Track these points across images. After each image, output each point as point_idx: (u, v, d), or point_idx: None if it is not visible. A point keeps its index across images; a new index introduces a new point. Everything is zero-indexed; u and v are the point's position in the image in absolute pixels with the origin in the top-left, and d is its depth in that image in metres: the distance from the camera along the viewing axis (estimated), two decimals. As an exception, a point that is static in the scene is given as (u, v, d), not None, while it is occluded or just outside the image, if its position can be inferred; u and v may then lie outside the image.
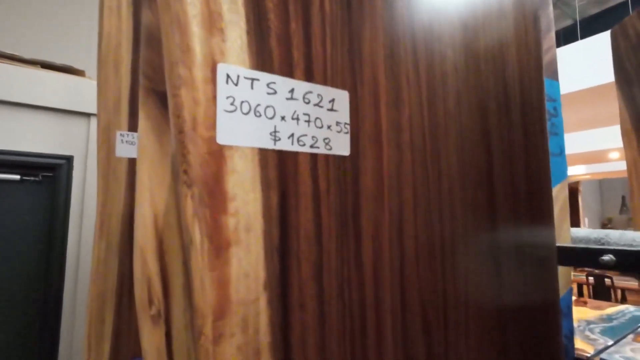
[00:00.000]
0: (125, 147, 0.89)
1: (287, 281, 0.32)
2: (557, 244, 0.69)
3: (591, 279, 4.98)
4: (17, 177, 1.68)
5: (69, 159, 1.80)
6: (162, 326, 0.59)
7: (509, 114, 0.59)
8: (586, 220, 8.38)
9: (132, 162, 0.90)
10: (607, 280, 4.83)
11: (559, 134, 0.79)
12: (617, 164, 7.06)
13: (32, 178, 1.71)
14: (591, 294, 4.94)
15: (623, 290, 5.00)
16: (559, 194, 0.81)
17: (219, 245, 0.28)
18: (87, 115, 1.77)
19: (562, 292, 0.77)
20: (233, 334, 0.29)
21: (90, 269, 0.83)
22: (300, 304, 0.32)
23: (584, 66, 4.18)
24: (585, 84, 4.17)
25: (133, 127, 0.93)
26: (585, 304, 1.58)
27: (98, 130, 0.89)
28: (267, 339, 0.30)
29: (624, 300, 4.92)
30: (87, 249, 1.67)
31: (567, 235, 0.82)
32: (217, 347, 0.28)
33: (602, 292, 4.85)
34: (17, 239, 1.57)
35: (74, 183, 1.78)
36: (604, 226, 8.55)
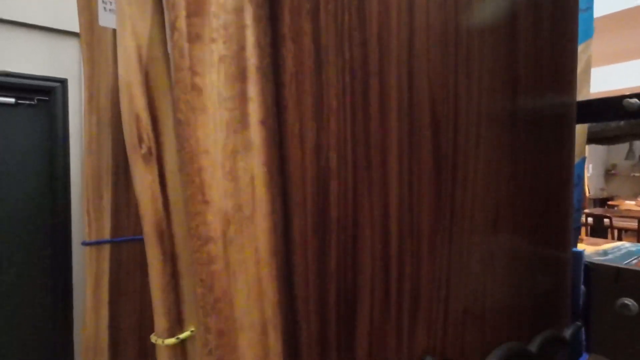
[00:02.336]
0: (109, 16, 0.82)
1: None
2: (577, 100, 0.64)
3: (590, 219, 5.04)
4: (12, 100, 1.61)
5: (62, 82, 1.72)
6: (155, 165, 0.57)
7: None
8: (590, 166, 8.30)
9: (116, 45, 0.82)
10: (606, 221, 4.89)
11: (587, -15, 0.71)
12: (629, 107, 6.76)
13: (27, 102, 1.65)
14: (589, 233, 5.02)
15: (620, 230, 5.07)
16: (582, 54, 0.74)
17: None
18: (79, 35, 1.65)
19: (576, 160, 0.74)
20: (213, 40, 0.25)
21: (83, 145, 0.80)
22: (292, 35, 0.28)
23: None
24: (600, 12, 3.81)
25: (115, -6, 0.84)
26: (581, 241, 1.60)
27: (76, -7, 0.81)
28: (254, 61, 0.26)
29: (619, 240, 5.01)
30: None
31: (585, 102, 0.76)
32: (193, 46, 0.24)
33: (599, 232, 4.92)
34: (19, 165, 1.53)
35: (70, 107, 1.71)
36: (607, 172, 8.49)
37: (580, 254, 0.63)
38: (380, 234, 0.35)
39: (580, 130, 0.77)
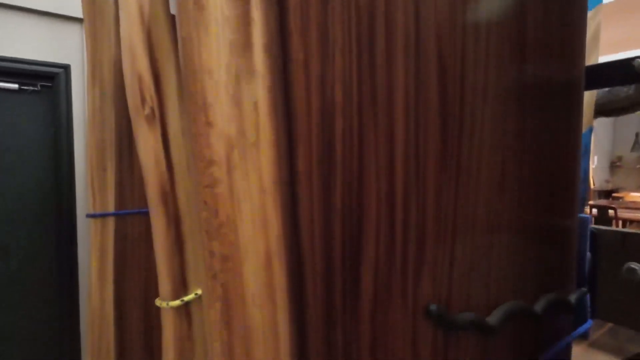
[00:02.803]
0: (110, -14, 0.81)
1: None
2: (586, 65, 0.63)
3: (595, 210, 5.00)
4: (16, 86, 1.61)
5: (65, 68, 1.71)
6: (158, 127, 0.57)
7: None
8: (595, 158, 8.23)
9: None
10: (611, 212, 4.85)
11: (597, -51, 0.69)
12: (636, 98, 6.66)
13: (30, 88, 1.65)
14: (593, 224, 4.97)
15: (625, 221, 5.02)
16: (592, 20, 0.73)
17: None
18: (81, 20, 1.64)
19: (583, 130, 0.73)
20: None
21: (87, 118, 0.80)
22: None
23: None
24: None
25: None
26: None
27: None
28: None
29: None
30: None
31: (594, 70, 0.75)
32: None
33: (604, 223, 4.88)
34: (23, 152, 1.53)
35: (73, 93, 1.71)
36: (612, 164, 8.43)
37: (586, 220, 0.63)
38: (386, 175, 0.34)
39: (588, 99, 0.76)
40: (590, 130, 0.73)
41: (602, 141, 7.85)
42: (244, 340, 0.27)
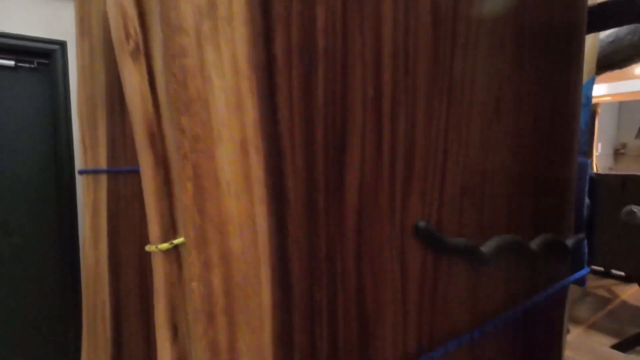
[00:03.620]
0: None
1: None
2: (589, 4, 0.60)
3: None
4: (12, 63, 1.59)
5: (62, 45, 1.68)
6: (143, 63, 0.55)
7: None
8: (599, 145, 8.16)
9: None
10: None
11: None
12: (642, 83, 6.54)
13: (27, 65, 1.63)
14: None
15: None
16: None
17: None
18: None
19: (585, 79, 0.70)
20: None
21: (77, 73, 0.79)
22: None
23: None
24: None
25: None
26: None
27: None
28: None
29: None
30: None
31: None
32: None
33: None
34: (21, 128, 1.51)
35: (70, 70, 1.68)
36: (616, 151, 8.36)
37: (586, 164, 0.61)
38: (372, 78, 0.33)
39: (590, 46, 0.73)
40: (592, 80, 0.71)
41: (606, 128, 7.75)
42: (219, 228, 0.26)
